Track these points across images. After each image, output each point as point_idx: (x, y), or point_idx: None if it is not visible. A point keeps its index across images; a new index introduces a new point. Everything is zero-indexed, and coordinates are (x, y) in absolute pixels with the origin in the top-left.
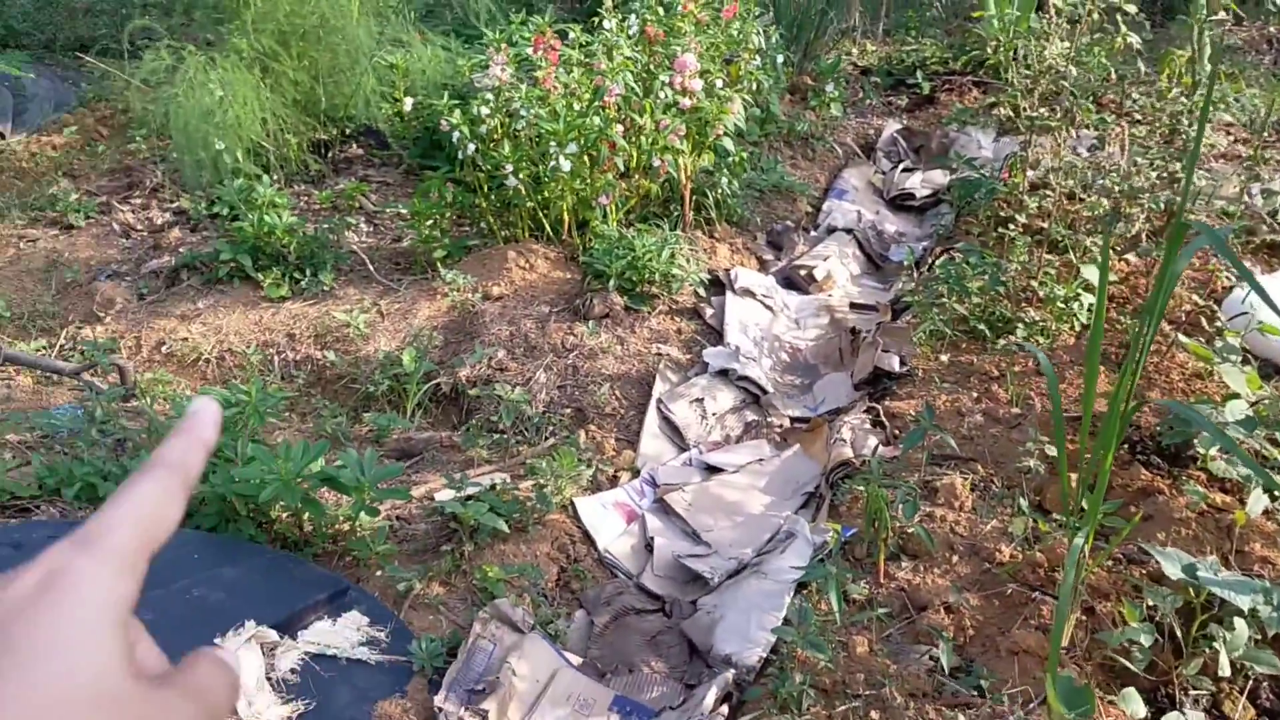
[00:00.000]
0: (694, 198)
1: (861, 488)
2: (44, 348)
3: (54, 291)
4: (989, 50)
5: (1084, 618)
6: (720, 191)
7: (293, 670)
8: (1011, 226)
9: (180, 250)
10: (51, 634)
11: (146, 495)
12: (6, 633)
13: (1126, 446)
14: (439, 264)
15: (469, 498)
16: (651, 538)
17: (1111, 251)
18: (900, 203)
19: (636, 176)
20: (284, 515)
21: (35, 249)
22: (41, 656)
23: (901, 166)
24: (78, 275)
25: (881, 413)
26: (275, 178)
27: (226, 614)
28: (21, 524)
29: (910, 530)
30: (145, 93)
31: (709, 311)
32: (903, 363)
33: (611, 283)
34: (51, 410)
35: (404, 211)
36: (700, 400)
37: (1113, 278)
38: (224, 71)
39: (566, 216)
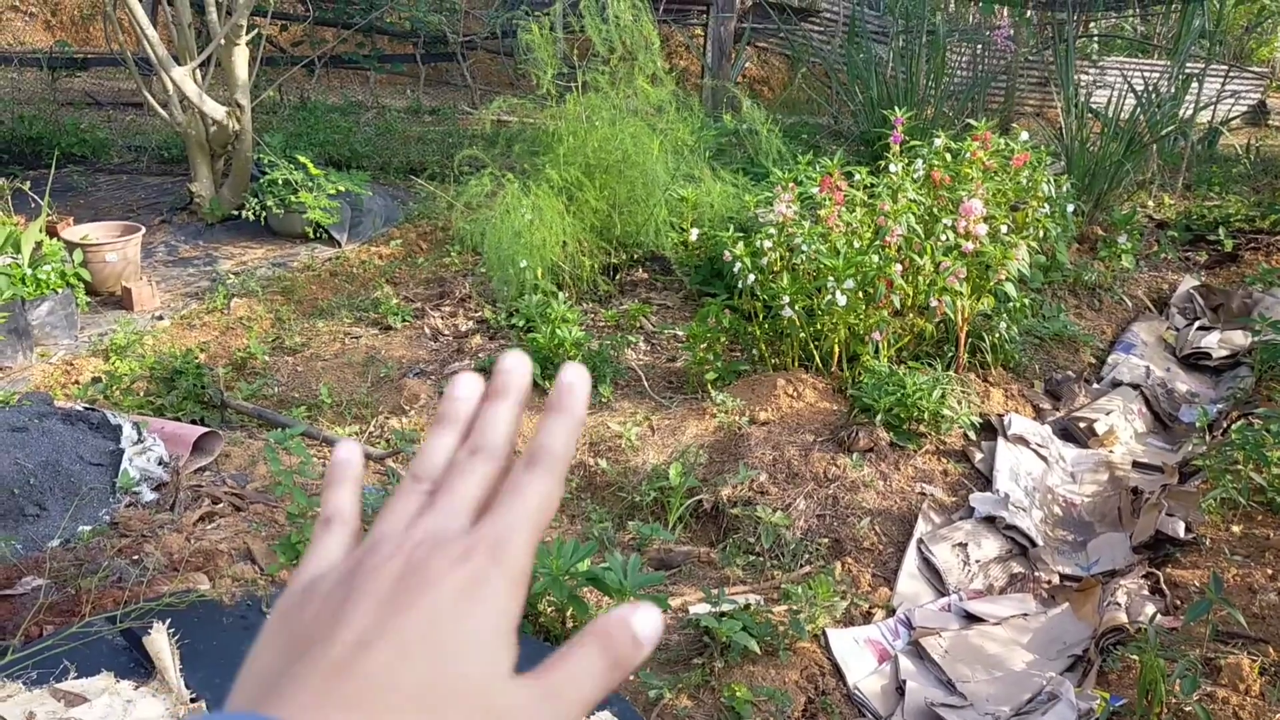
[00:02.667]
0: (970, 340)
1: (1135, 656)
2: (356, 433)
3: (369, 384)
4: None
5: None
6: (998, 335)
7: None
8: None
9: (480, 355)
10: (467, 636)
11: (540, 496)
12: (435, 624)
13: None
14: (710, 386)
15: (723, 614)
16: (903, 680)
17: None
18: (1193, 362)
19: (911, 315)
20: (550, 609)
21: (358, 345)
22: (455, 654)
23: (1197, 324)
24: (390, 371)
25: (1162, 580)
26: (568, 295)
27: None
28: None
29: (1187, 708)
30: (465, 213)
31: (978, 456)
32: (1188, 529)
33: (878, 417)
34: None
35: (681, 334)
36: (964, 545)
37: None
38: (536, 198)
39: (837, 349)
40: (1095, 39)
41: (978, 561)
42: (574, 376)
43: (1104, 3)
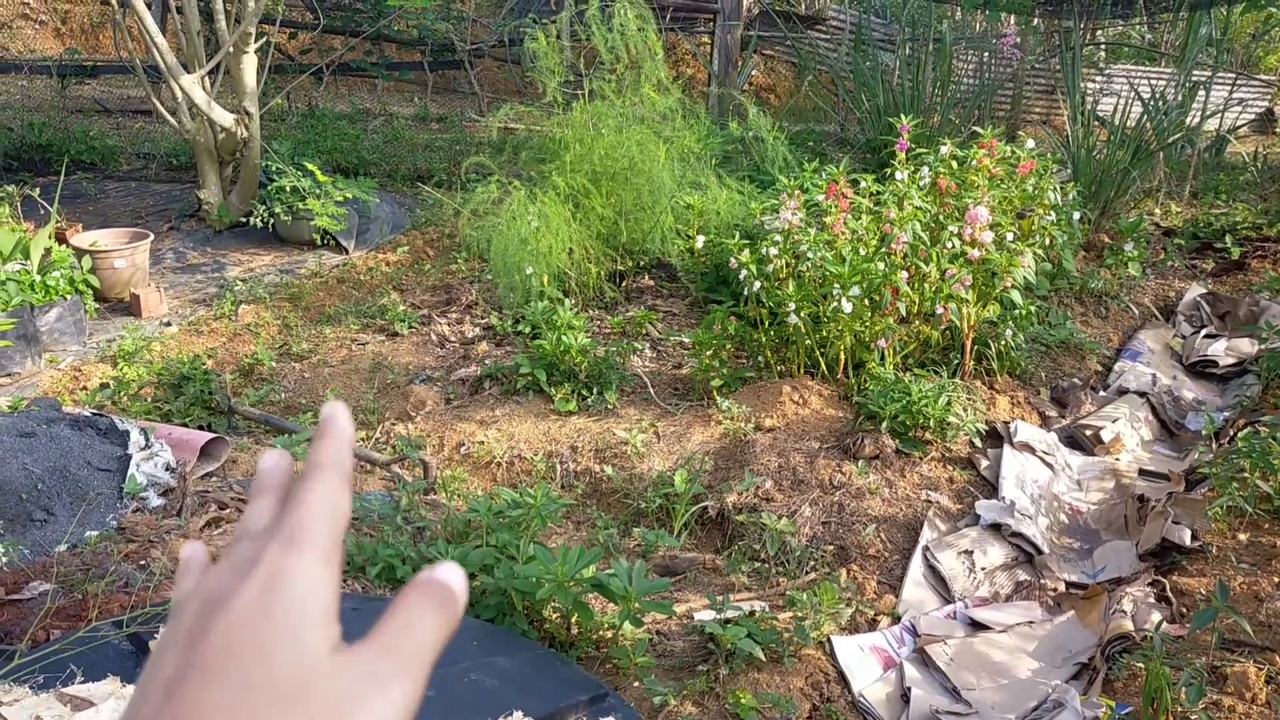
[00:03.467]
0: (975, 347)
1: (1141, 664)
2: (362, 439)
3: (376, 390)
4: None
5: None
6: (1004, 343)
7: None
8: None
9: (486, 362)
10: (267, 634)
11: (327, 494)
12: (231, 637)
13: None
14: (716, 393)
15: (728, 620)
16: (908, 688)
17: None
18: (1200, 369)
19: (917, 322)
20: (555, 615)
21: (364, 351)
22: (257, 656)
23: (1204, 332)
24: (397, 377)
25: (1168, 587)
26: (574, 302)
27: (497, 700)
28: None
29: (1193, 717)
30: (472, 220)
31: (984, 463)
32: (1194, 537)
33: (884, 425)
34: (364, 495)
35: (686, 341)
36: (969, 552)
37: None
38: (542, 205)
39: (843, 356)
40: (1102, 46)
41: (983, 569)
42: (331, 409)
43: (1111, 10)
